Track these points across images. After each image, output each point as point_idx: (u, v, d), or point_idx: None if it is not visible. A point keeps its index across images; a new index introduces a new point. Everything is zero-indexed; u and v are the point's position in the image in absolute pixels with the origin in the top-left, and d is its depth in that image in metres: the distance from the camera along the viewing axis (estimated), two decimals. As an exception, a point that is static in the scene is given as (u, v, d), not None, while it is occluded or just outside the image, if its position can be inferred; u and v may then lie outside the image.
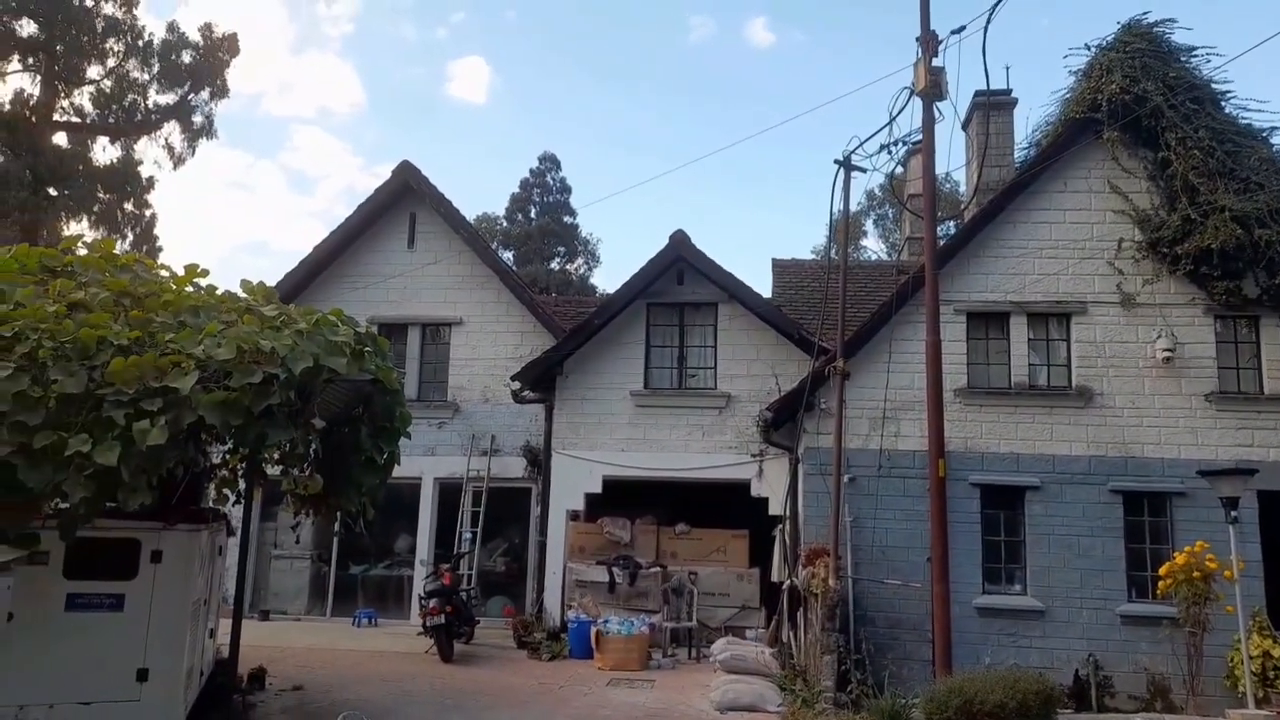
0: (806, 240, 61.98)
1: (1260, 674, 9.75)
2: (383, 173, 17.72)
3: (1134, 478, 11.42)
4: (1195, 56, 11.90)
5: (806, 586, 10.34)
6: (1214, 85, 11.86)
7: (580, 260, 39.30)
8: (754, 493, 12.97)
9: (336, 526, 13.37)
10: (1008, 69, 13.66)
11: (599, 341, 13.57)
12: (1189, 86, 11.66)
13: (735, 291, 13.21)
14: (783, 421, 12.40)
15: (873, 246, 37.48)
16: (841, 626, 10.52)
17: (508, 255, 36.12)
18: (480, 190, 79.26)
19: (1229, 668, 10.07)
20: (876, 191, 36.08)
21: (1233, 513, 9.67)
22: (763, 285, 17.71)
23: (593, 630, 11.32)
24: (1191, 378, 11.62)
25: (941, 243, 12.64)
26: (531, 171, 38.30)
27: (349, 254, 15.35)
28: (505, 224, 37.94)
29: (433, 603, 11.24)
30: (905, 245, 17.96)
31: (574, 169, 66.30)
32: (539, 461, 13.98)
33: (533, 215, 37.91)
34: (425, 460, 14.32)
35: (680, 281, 13.64)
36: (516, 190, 38.13)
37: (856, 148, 10.87)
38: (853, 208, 39.49)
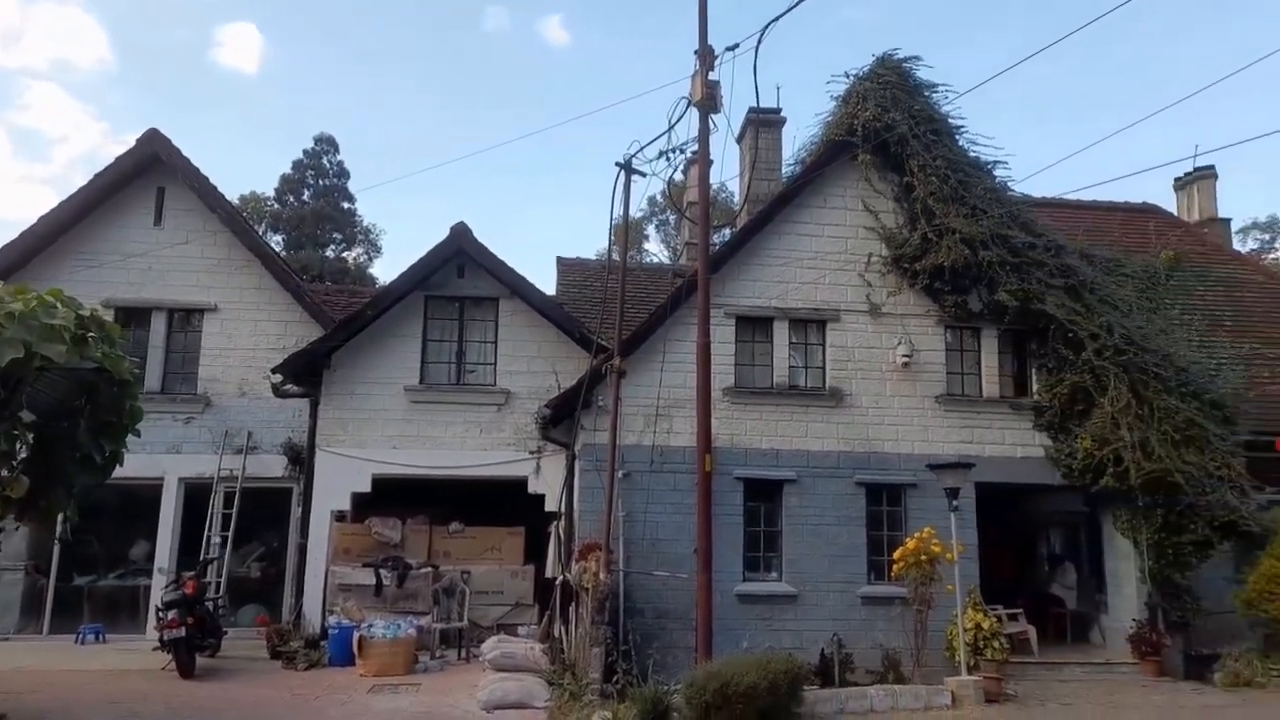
0: (595, 240, 62.97)
1: (973, 644, 10.99)
2: (131, 140, 15.92)
3: (875, 471, 12.53)
4: (936, 92, 13.25)
5: (579, 581, 10.44)
6: (951, 120, 13.26)
7: (359, 249, 37.51)
8: (531, 490, 12.93)
9: (59, 533, 11.90)
10: (778, 89, 14.61)
11: (372, 334, 12.98)
12: (930, 119, 12.96)
13: (517, 287, 13.11)
14: (561, 418, 12.46)
15: (655, 250, 38.67)
16: (611, 619, 10.74)
17: (277, 239, 33.76)
18: (247, 168, 73.49)
19: (948, 640, 11.27)
20: (659, 197, 37.24)
21: (954, 502, 10.88)
22: (549, 283, 17.75)
23: (355, 635, 10.78)
24: (925, 381, 12.92)
25: (715, 249, 13.28)
26: (306, 152, 36.06)
27: (84, 228, 13.65)
28: (275, 205, 35.43)
29: (171, 614, 10.22)
30: (684, 250, 18.65)
31: (354, 153, 63.18)
32: (302, 459, 13.14)
33: (306, 198, 35.67)
34: (169, 459, 13.03)
35: (461, 275, 13.33)
36: (289, 171, 35.74)
37: (637, 152, 11.15)
38: (636, 213, 40.41)
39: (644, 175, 11.29)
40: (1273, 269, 27.56)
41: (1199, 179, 20.06)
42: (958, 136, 13.19)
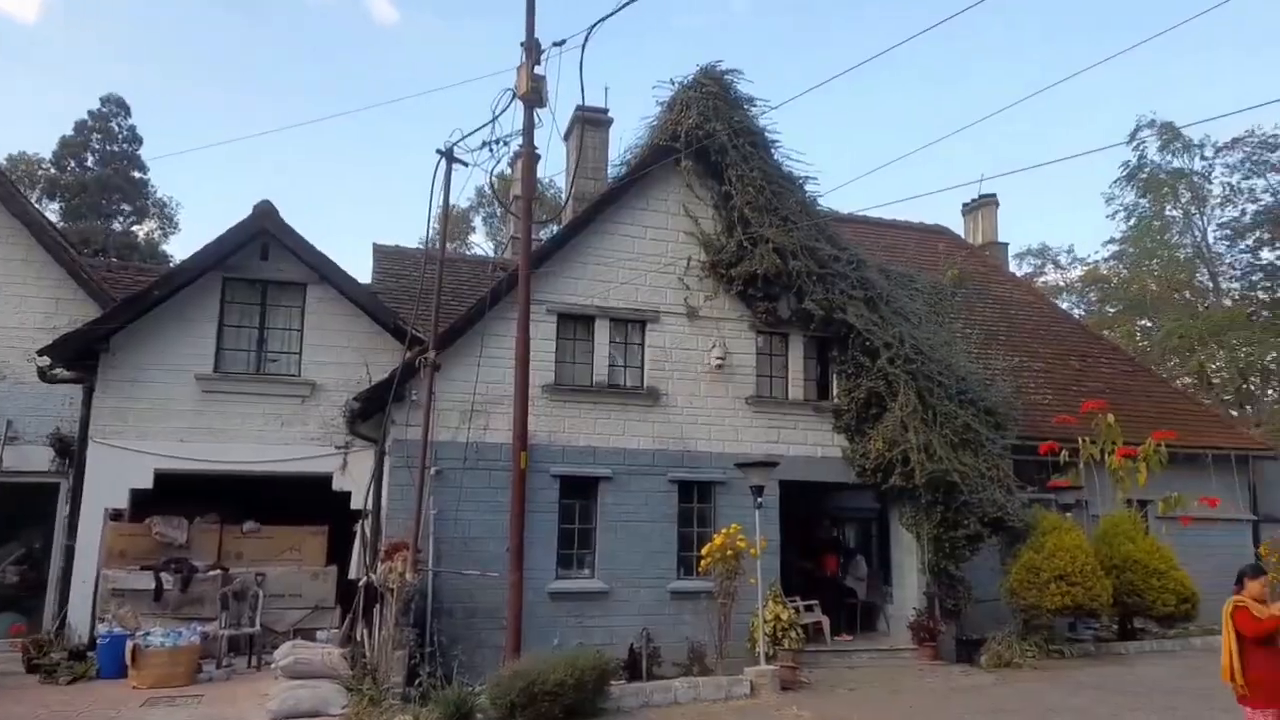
0: (417, 228, 61.02)
1: (772, 635, 11.53)
2: None
3: (688, 469, 12.89)
4: (755, 107, 13.78)
5: (384, 582, 10.04)
6: (768, 134, 13.83)
7: (152, 223, 34.40)
8: (337, 487, 12.30)
9: None
10: (607, 90, 14.73)
11: (160, 316, 11.90)
12: (749, 131, 13.48)
13: (327, 273, 12.44)
14: (371, 412, 11.95)
15: (480, 243, 38.03)
16: (418, 620, 10.41)
17: (53, 207, 30.39)
18: (20, 127, 65.70)
19: (750, 632, 11.76)
20: (486, 189, 36.67)
21: (759, 499, 11.37)
22: (365, 271, 17.00)
23: (129, 645, 9.84)
24: (737, 383, 13.43)
25: (539, 245, 13.19)
26: (92, 114, 32.59)
27: None
28: (52, 170, 31.86)
29: (-99, 628, 8.92)
30: (509, 244, 18.43)
31: (150, 119, 58.00)
32: (71, 452, 11.86)
33: (90, 164, 32.30)
34: (-94, 449, 11.40)
35: (265, 257, 12.49)
36: (70, 133, 32.21)
37: (459, 141, 10.87)
38: (462, 203, 39.47)
39: (466, 165, 11.02)
40: (1041, 291, 30.83)
41: (983, 205, 22.12)
42: (773, 150, 13.79)
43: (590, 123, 14.68)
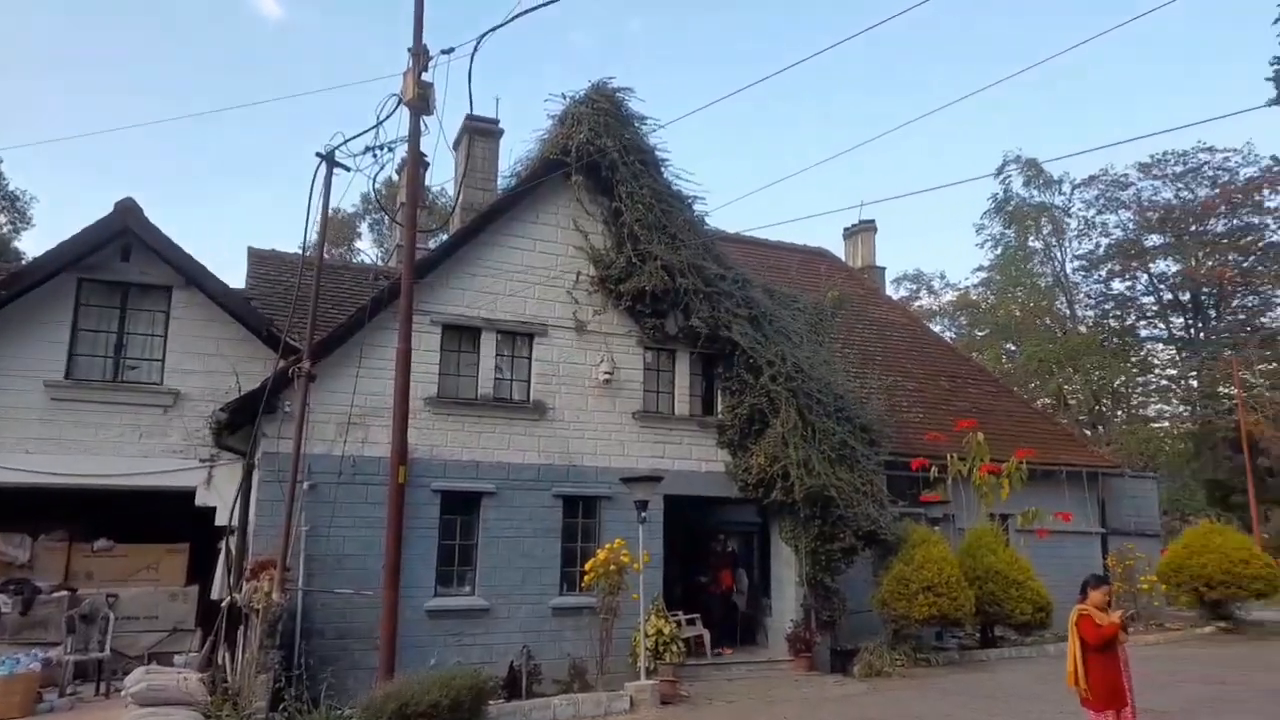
0: (297, 233, 58.84)
1: (654, 649, 11.58)
2: None
3: (573, 484, 12.82)
4: (646, 125, 13.92)
5: (248, 602, 9.56)
6: (657, 152, 13.99)
7: (2, 217, 31.95)
8: (200, 502, 11.65)
9: None
10: (498, 100, 14.59)
11: (8, 318, 11.06)
12: (639, 149, 13.61)
13: (194, 275, 11.81)
14: (240, 424, 11.38)
15: (367, 250, 36.99)
16: (286, 642, 9.95)
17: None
18: None
19: (633, 647, 11.77)
20: (373, 195, 35.70)
21: (643, 514, 11.42)
22: (239, 275, 16.25)
23: (-43, 675, 9.03)
24: (624, 398, 13.48)
25: (425, 255, 12.93)
26: (-63, 96, 30.07)
27: None
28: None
29: None
30: (394, 252, 17.99)
31: (3, 106, 54.02)
32: (-104, 465, 10.82)
33: (-67, 151, 29.76)
34: None
35: (126, 258, 11.77)
36: (-89, 116, 29.59)
37: (341, 144, 10.54)
38: (349, 209, 38.40)
39: (348, 170, 10.69)
40: (915, 314, 32.29)
41: (862, 230, 23.02)
42: (663, 169, 13.96)
43: (480, 133, 14.52)
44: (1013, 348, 42.11)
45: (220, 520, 11.49)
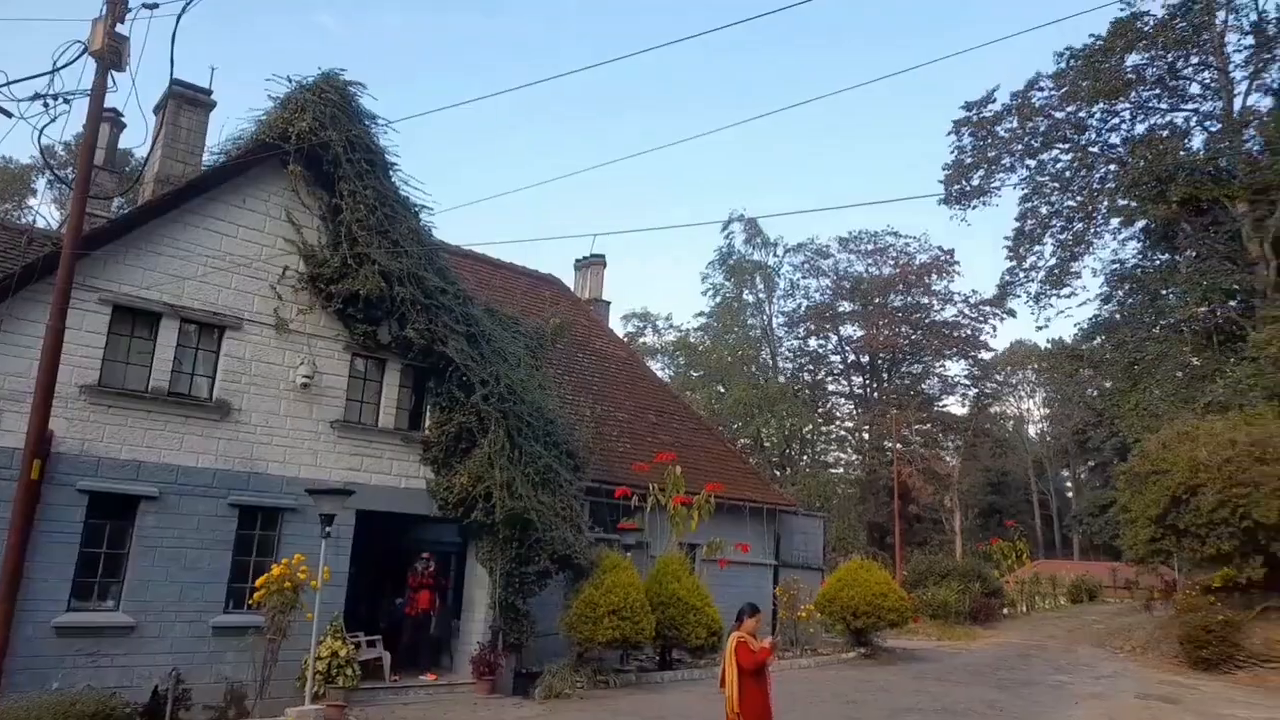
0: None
1: (326, 673, 10.93)
2: None
3: (254, 493, 11.85)
4: (376, 125, 13.42)
5: None
6: (387, 154, 13.53)
7: None
8: None
9: None
10: (213, 70, 13.26)
11: None
12: (366, 148, 13.07)
13: None
14: None
15: (47, 211, 32.20)
16: None
17: None
18: None
19: (302, 669, 11.04)
20: (60, 150, 31.25)
21: (328, 528, 10.82)
22: None
23: None
24: (324, 405, 12.75)
25: (103, 224, 11.50)
26: None
27: None
28: None
29: None
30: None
31: None
32: None
33: None
34: None
35: None
36: None
37: (2, 85, 9.08)
38: (24, 159, 33.37)
39: (8, 115, 9.23)
40: (635, 350, 33.83)
41: (593, 264, 23.77)
42: (392, 172, 13.52)
43: (189, 101, 13.20)
44: (722, 390, 45.45)
45: None
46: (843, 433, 48.19)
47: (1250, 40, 27.57)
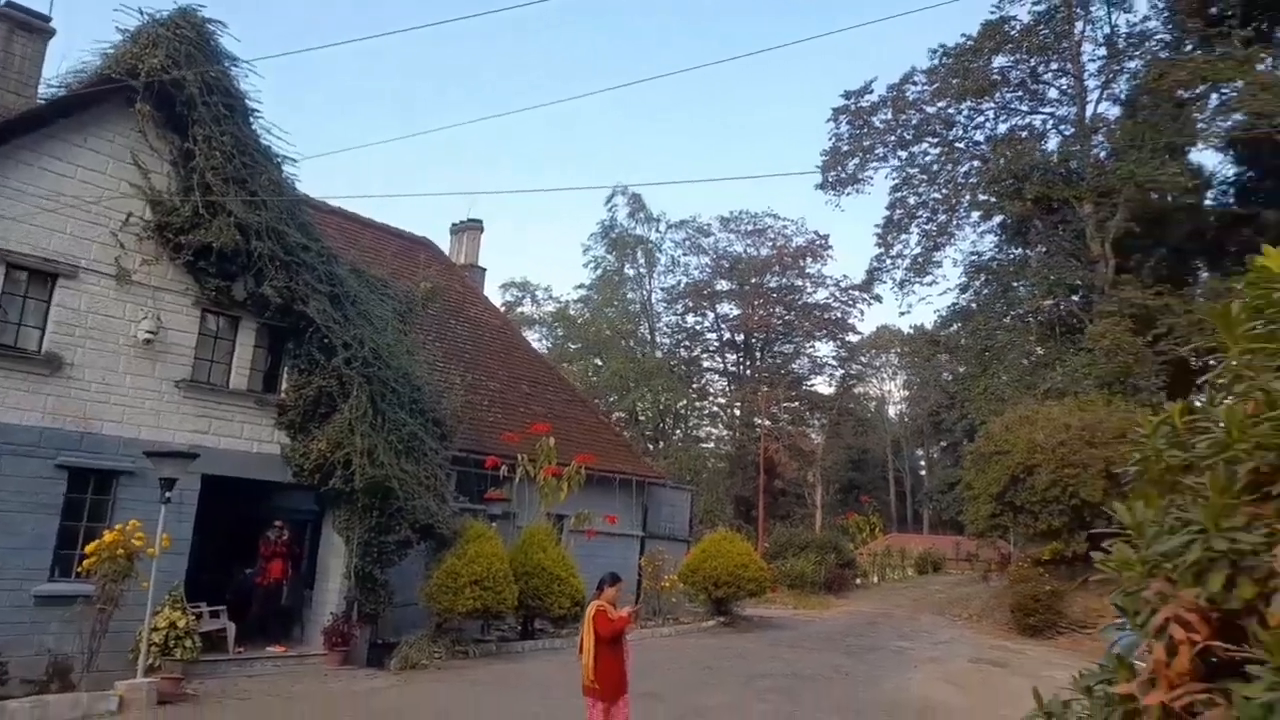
0: None
1: (163, 644, 10.34)
2: None
3: (87, 454, 11.05)
4: (238, 67, 12.60)
5: None
6: (248, 100, 12.74)
7: None
8: None
9: None
10: (54, -2, 12.08)
11: None
12: (225, 92, 12.28)
13: None
14: None
15: None
16: None
17: None
18: None
19: (136, 641, 10.42)
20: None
21: (168, 493, 10.21)
22: None
23: None
24: (169, 363, 11.99)
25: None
26: None
27: None
28: None
29: None
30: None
31: None
32: None
33: None
34: None
35: None
36: None
37: None
38: None
39: None
40: (511, 319, 33.47)
41: (470, 229, 23.26)
42: (253, 120, 12.76)
43: (21, 25, 11.99)
44: (600, 363, 45.60)
45: None
46: (715, 409, 49.29)
47: (1104, 51, 29.56)
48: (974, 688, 13.40)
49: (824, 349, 48.85)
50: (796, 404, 47.65)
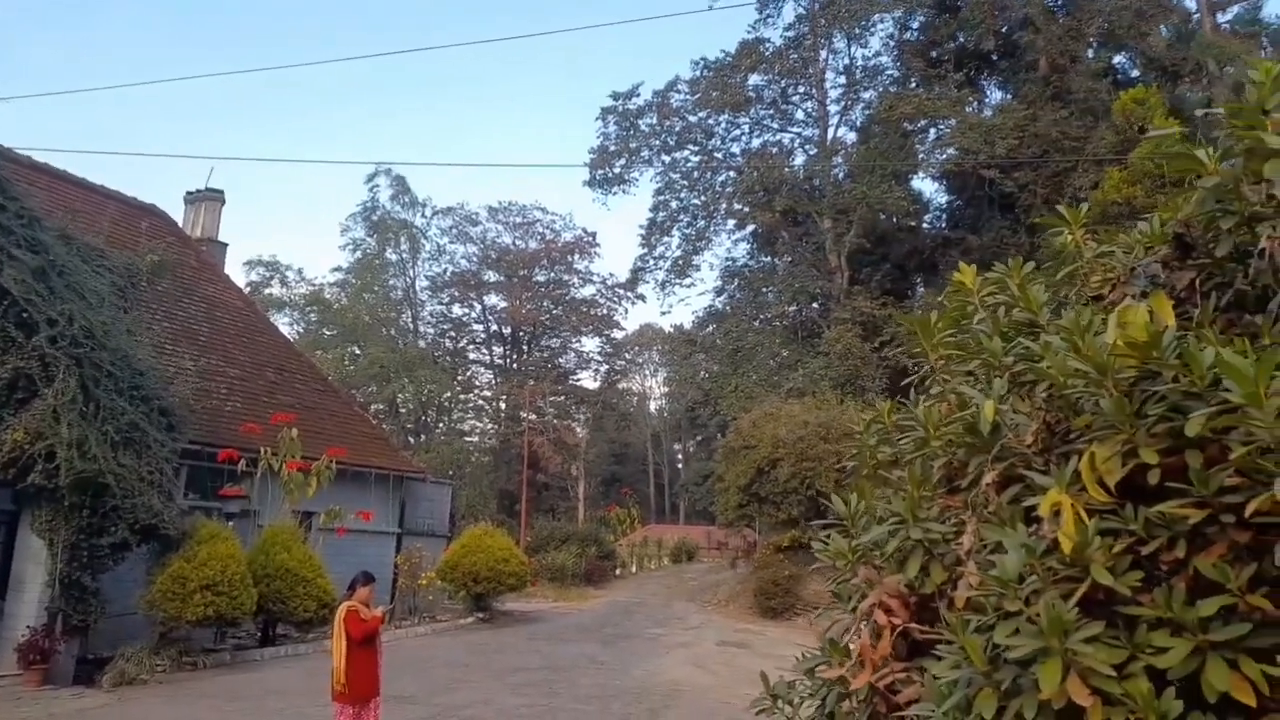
0: None
1: None
2: None
3: None
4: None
5: None
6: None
7: None
8: None
9: None
10: None
11: None
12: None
13: None
14: None
15: None
16: None
17: None
18: None
19: None
20: None
21: None
22: None
23: None
24: None
25: None
26: None
27: None
28: None
29: None
30: None
31: None
32: None
33: None
34: None
35: None
36: None
37: None
38: None
39: None
40: (255, 300, 31.05)
41: (208, 199, 21.23)
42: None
43: None
44: (358, 351, 43.49)
45: None
46: (481, 401, 48.65)
47: (844, 80, 32.46)
48: (718, 669, 14.21)
49: (590, 344, 49.81)
50: (562, 398, 48.18)
